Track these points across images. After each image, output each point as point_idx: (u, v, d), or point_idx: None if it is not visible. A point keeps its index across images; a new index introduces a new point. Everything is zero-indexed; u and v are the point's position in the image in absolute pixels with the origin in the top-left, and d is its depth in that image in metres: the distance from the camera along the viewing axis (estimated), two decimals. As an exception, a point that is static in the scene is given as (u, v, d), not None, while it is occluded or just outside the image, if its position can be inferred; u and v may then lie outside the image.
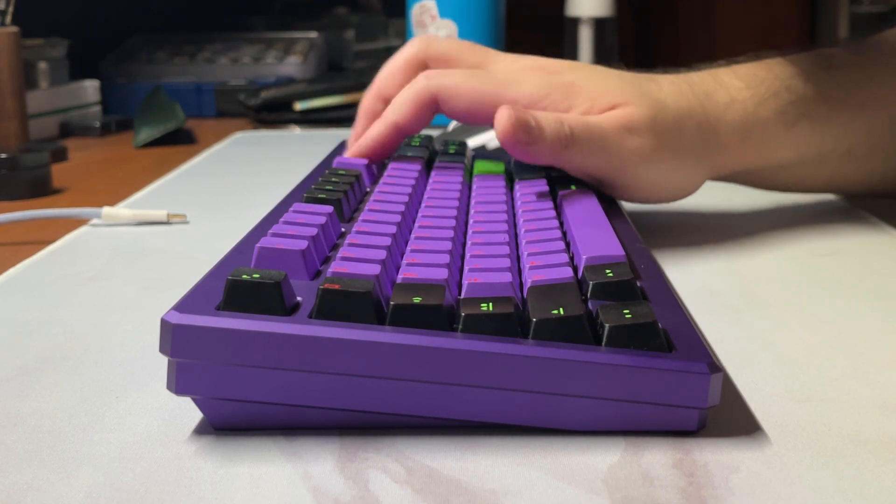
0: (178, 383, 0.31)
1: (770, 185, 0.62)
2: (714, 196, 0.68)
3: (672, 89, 0.55)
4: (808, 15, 2.24)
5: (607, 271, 0.37)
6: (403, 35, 1.35)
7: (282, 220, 0.41)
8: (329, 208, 0.43)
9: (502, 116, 0.49)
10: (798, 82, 0.58)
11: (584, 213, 0.47)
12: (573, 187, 0.52)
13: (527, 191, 0.52)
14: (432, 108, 0.54)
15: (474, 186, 0.54)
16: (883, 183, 0.64)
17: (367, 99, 0.59)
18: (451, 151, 0.61)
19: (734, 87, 0.57)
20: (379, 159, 0.57)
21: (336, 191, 0.47)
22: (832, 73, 0.59)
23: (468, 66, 0.57)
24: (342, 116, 1.11)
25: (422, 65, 0.58)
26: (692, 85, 0.56)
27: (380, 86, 0.59)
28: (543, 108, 0.52)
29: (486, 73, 0.54)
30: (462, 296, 0.35)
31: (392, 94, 0.57)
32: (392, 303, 0.32)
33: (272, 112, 1.12)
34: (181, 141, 1.00)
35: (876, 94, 0.60)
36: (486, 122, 0.54)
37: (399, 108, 0.54)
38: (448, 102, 0.53)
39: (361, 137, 0.57)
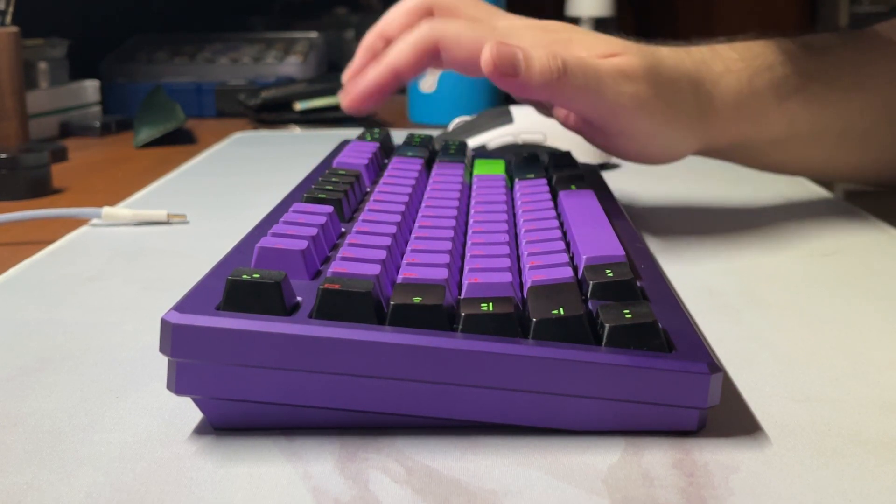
0: (178, 383, 0.31)
1: (765, 162, 0.63)
2: (714, 196, 0.68)
3: (670, 53, 0.56)
4: (808, 15, 2.24)
5: (607, 271, 0.37)
6: (403, 35, 1.35)
7: (282, 220, 0.41)
8: (329, 208, 0.43)
9: (485, 49, 0.50)
10: (793, 59, 0.58)
11: (584, 213, 0.47)
12: (573, 187, 0.53)
13: (527, 191, 0.52)
14: (432, 55, 0.54)
15: (474, 186, 0.54)
16: (879, 171, 0.65)
17: (370, 36, 0.59)
18: (451, 151, 0.61)
19: (730, 58, 0.58)
20: (375, 102, 0.56)
21: (336, 191, 0.47)
22: (828, 55, 0.60)
23: (471, 18, 0.57)
24: (342, 116, 1.11)
25: (427, 12, 0.57)
26: (689, 52, 0.57)
27: (384, 26, 0.58)
28: None
29: (487, 26, 0.55)
30: (462, 296, 0.35)
31: (394, 36, 0.57)
32: (392, 303, 0.32)
33: (272, 112, 1.12)
34: (181, 141, 1.00)
35: (870, 79, 0.61)
36: (481, 74, 0.54)
37: (399, 53, 0.54)
38: (449, 50, 0.53)
39: (359, 79, 0.56)
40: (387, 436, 0.32)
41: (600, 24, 1.21)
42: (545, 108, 0.59)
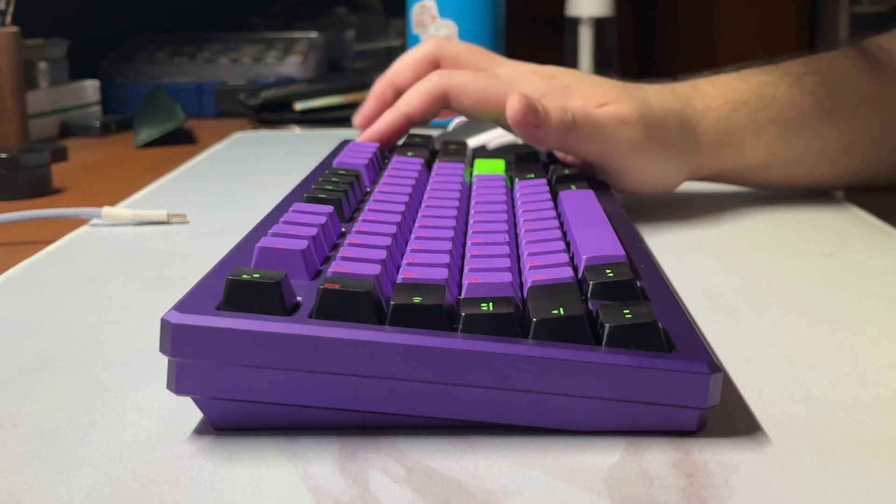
0: (178, 383, 0.31)
1: (750, 184, 0.67)
2: (714, 197, 0.68)
3: (656, 94, 0.61)
4: (808, 14, 2.24)
5: (607, 271, 0.37)
6: (403, 35, 1.35)
7: (282, 220, 0.41)
8: (329, 208, 0.43)
9: (513, 100, 0.55)
10: (769, 90, 0.63)
11: (584, 213, 0.47)
12: (573, 187, 0.53)
13: (527, 191, 0.52)
14: (441, 103, 0.60)
15: (474, 186, 0.54)
16: (866, 180, 0.68)
17: (379, 84, 0.65)
18: (451, 151, 0.61)
19: (710, 95, 0.62)
20: (388, 145, 0.63)
21: (336, 191, 0.47)
22: (805, 80, 0.64)
23: (475, 68, 0.63)
24: (342, 116, 1.11)
25: (434, 63, 0.64)
26: (674, 92, 0.62)
27: (393, 75, 0.64)
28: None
29: (491, 75, 0.61)
30: (462, 296, 0.35)
31: (403, 85, 0.63)
32: (392, 303, 0.32)
33: (272, 112, 1.12)
34: (181, 141, 1.00)
35: (848, 99, 0.64)
36: (489, 118, 0.59)
37: (411, 101, 0.60)
38: (457, 98, 0.59)
39: (375, 123, 0.62)
40: (387, 436, 0.32)
41: (600, 24, 1.21)
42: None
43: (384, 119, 0.62)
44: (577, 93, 0.59)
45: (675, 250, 0.55)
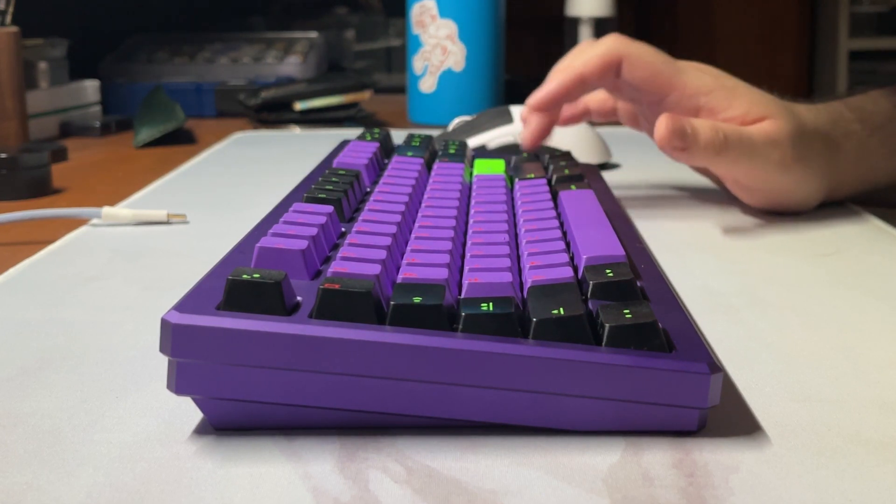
0: (178, 383, 0.31)
1: (877, 204, 0.68)
2: (714, 196, 0.68)
3: (808, 114, 0.62)
4: (807, 14, 2.24)
5: (607, 271, 0.37)
6: (403, 35, 1.35)
7: (282, 219, 0.41)
8: (329, 208, 0.43)
9: (661, 122, 0.55)
10: None
11: (584, 213, 0.47)
12: (573, 187, 0.53)
13: (527, 191, 0.52)
14: (615, 68, 0.60)
15: (474, 186, 0.54)
16: None
17: (564, 74, 0.62)
18: (451, 151, 0.61)
19: (849, 119, 0.64)
20: (558, 105, 0.62)
21: (336, 191, 0.47)
22: None
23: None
24: (342, 116, 1.11)
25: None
26: (820, 114, 0.63)
27: (577, 66, 0.62)
28: (706, 103, 0.59)
29: (665, 56, 0.61)
30: (462, 296, 0.35)
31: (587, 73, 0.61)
32: (392, 303, 0.32)
33: (272, 112, 1.12)
34: (181, 141, 1.00)
35: None
36: (652, 96, 0.60)
37: (588, 61, 0.60)
38: (630, 67, 0.60)
39: (545, 84, 0.61)
40: (387, 436, 0.32)
41: (600, 24, 1.21)
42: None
43: (556, 80, 0.61)
44: (743, 98, 0.59)
45: (675, 250, 0.55)
